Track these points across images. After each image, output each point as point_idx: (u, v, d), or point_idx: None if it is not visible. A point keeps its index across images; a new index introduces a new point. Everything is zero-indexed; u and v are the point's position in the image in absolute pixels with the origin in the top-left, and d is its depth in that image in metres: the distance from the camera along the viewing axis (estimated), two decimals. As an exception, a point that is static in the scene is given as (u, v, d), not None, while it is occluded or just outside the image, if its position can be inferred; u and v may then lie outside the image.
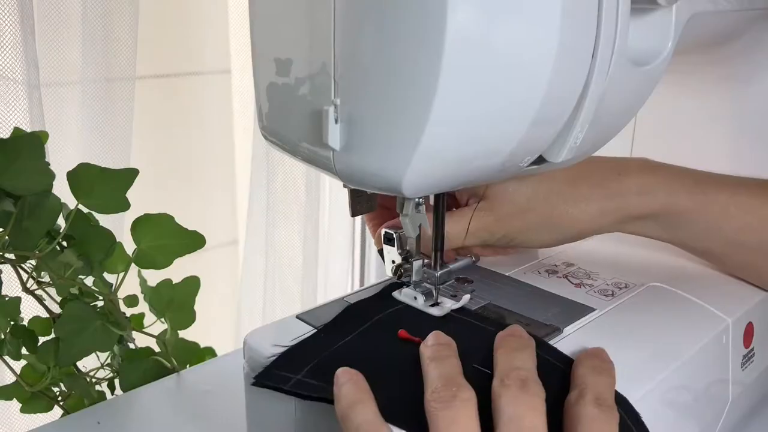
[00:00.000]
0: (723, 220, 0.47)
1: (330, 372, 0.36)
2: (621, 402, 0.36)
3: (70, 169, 0.52)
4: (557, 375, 0.36)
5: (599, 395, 0.34)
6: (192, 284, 0.61)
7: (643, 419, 0.36)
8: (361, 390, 0.34)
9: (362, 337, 0.41)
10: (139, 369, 0.59)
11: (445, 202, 0.44)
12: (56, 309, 0.59)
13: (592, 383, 0.34)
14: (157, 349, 0.60)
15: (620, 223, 0.48)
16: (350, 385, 0.34)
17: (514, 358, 0.35)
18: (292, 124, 0.37)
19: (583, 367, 0.36)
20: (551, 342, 0.40)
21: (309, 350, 0.40)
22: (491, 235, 0.48)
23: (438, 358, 0.35)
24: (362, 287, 0.48)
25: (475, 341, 0.38)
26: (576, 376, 0.36)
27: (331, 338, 0.41)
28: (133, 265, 0.57)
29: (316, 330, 0.42)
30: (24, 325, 0.58)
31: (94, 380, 0.61)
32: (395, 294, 0.44)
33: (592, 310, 0.44)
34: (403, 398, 0.35)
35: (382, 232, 0.45)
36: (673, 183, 0.47)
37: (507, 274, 0.50)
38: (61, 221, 0.55)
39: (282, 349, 0.40)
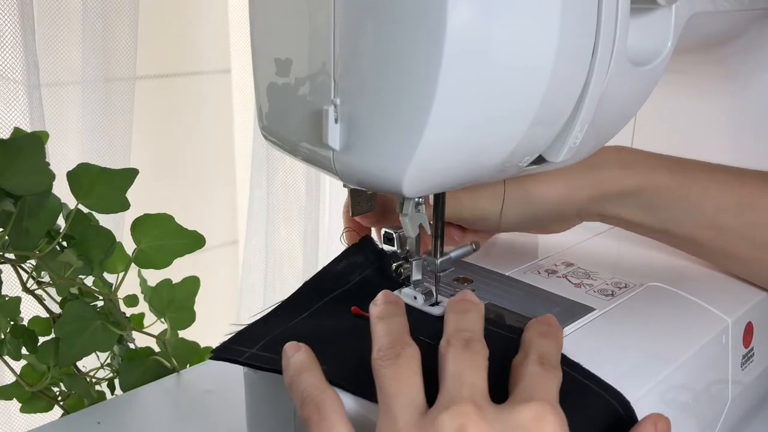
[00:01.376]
0: (703, 199, 0.47)
1: (282, 345, 0.39)
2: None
3: (70, 169, 0.52)
4: (506, 343, 0.37)
5: (543, 355, 0.35)
6: (192, 284, 0.61)
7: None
8: (309, 359, 0.36)
9: (317, 314, 0.43)
10: (139, 369, 0.59)
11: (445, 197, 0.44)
12: (56, 309, 0.59)
13: (538, 344, 0.36)
14: (157, 349, 0.61)
15: (602, 199, 0.48)
16: (298, 355, 0.36)
17: (461, 320, 0.36)
18: (292, 124, 0.37)
19: (530, 331, 0.37)
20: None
21: (265, 327, 0.43)
22: (462, 207, 0.48)
23: (385, 317, 0.37)
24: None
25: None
26: (523, 340, 0.37)
27: (287, 315, 0.43)
28: (133, 265, 0.57)
29: (273, 309, 0.44)
30: (24, 325, 0.58)
31: (94, 380, 0.61)
32: (395, 294, 0.44)
33: (592, 309, 0.44)
34: (350, 363, 0.38)
35: (382, 232, 0.45)
36: (652, 160, 0.48)
37: (507, 274, 0.50)
38: (61, 221, 0.55)
39: (240, 328, 0.43)
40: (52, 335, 0.56)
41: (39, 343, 0.57)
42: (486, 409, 0.31)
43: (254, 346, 0.41)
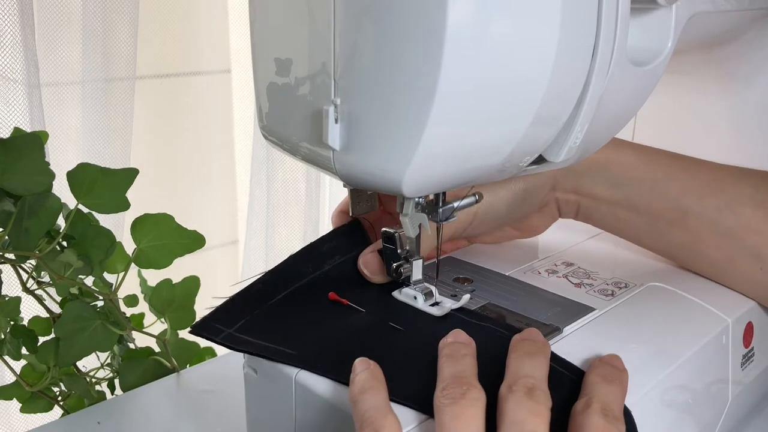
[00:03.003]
0: (668, 180, 0.48)
1: (259, 328, 0.40)
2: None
3: (70, 169, 0.52)
4: (568, 386, 0.36)
5: (606, 405, 0.33)
6: (192, 284, 0.61)
7: (643, 419, 0.36)
8: (375, 378, 0.34)
9: (295, 294, 0.44)
10: (139, 369, 0.59)
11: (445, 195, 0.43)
12: (56, 309, 0.59)
13: (601, 392, 0.34)
14: (157, 349, 0.60)
15: (573, 172, 0.49)
16: (365, 373, 0.35)
17: (525, 364, 0.35)
18: (292, 124, 0.37)
19: (593, 374, 0.35)
20: (551, 342, 0.40)
21: (245, 304, 0.43)
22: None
23: (454, 356, 0.35)
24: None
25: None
26: (586, 383, 0.35)
27: (268, 291, 0.44)
28: (133, 265, 0.57)
29: (254, 282, 0.44)
30: (24, 325, 0.58)
31: (94, 380, 0.61)
32: (395, 294, 0.44)
33: (592, 309, 0.44)
34: (325, 348, 0.39)
35: (382, 232, 0.45)
36: (619, 141, 0.50)
37: (507, 274, 0.50)
38: (61, 221, 0.55)
39: (222, 301, 0.43)
40: (52, 335, 0.56)
41: (39, 343, 0.57)
42: None
43: (232, 326, 0.41)
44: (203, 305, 0.63)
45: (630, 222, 0.50)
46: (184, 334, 0.62)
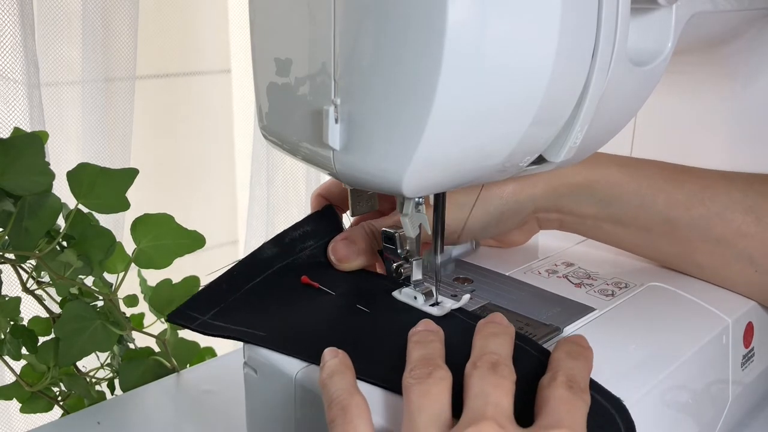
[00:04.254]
0: (654, 192, 0.48)
1: (233, 314, 0.43)
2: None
3: (70, 169, 0.52)
4: (534, 363, 0.37)
5: (571, 378, 0.34)
6: (192, 284, 0.61)
7: (643, 419, 0.36)
8: (343, 364, 0.36)
9: (269, 280, 0.46)
10: (139, 369, 0.59)
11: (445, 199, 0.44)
12: (56, 309, 0.59)
13: (566, 366, 0.35)
14: (157, 349, 0.60)
15: (556, 193, 0.48)
16: (333, 360, 0.36)
17: (490, 342, 0.36)
18: (292, 124, 0.37)
19: (559, 351, 0.36)
20: (551, 342, 0.40)
21: (219, 292, 0.45)
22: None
23: (422, 342, 0.37)
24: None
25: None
26: (552, 360, 0.36)
27: (242, 278, 0.46)
28: (133, 265, 0.57)
29: (228, 270, 0.46)
30: (24, 325, 0.58)
31: (94, 380, 0.61)
32: (395, 294, 0.44)
33: (592, 310, 0.44)
34: (296, 330, 0.40)
35: (382, 231, 0.45)
36: (602, 158, 0.49)
37: (507, 274, 0.50)
38: (61, 221, 0.55)
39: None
40: (52, 335, 0.56)
41: (39, 343, 0.57)
42: (509, 430, 0.31)
43: (207, 314, 0.43)
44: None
45: (617, 234, 0.50)
46: (184, 334, 0.62)
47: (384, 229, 0.45)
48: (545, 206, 0.49)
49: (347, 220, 0.52)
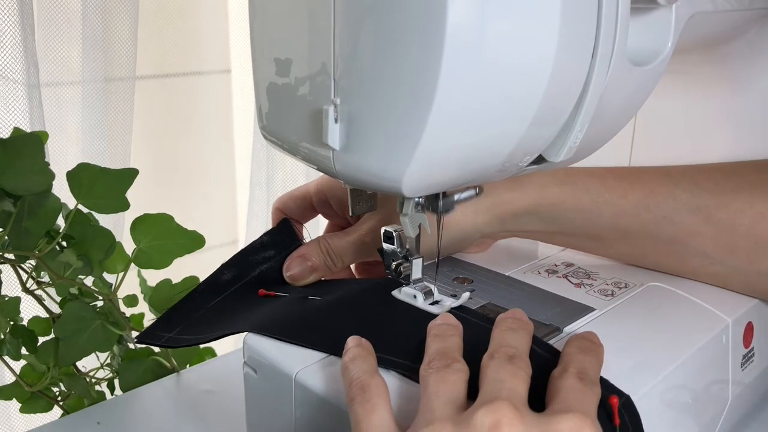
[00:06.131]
0: (599, 206, 0.48)
1: (199, 327, 0.45)
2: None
3: (70, 169, 0.52)
4: (547, 364, 0.37)
5: (582, 370, 0.34)
6: (192, 284, 0.60)
7: (643, 419, 0.36)
8: (365, 350, 0.37)
9: (228, 299, 0.48)
10: (138, 369, 0.59)
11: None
12: (56, 309, 0.59)
13: (577, 360, 0.35)
14: (157, 349, 0.60)
15: (499, 221, 0.49)
16: (356, 347, 0.37)
17: (507, 337, 0.36)
18: (292, 123, 0.37)
19: (571, 346, 0.37)
20: (551, 341, 0.40)
21: (182, 312, 0.48)
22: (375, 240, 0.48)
23: (441, 335, 0.37)
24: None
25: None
26: (563, 354, 0.36)
27: (204, 298, 0.48)
28: (132, 265, 0.57)
29: (189, 293, 0.49)
30: (24, 325, 0.58)
31: (94, 380, 0.61)
32: (395, 293, 0.44)
33: (592, 309, 0.44)
34: (270, 317, 0.43)
35: (382, 231, 0.45)
36: (543, 177, 0.49)
37: (507, 274, 0.50)
38: (60, 221, 0.55)
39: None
40: (52, 335, 0.56)
41: (39, 343, 0.57)
42: (523, 412, 0.31)
43: (172, 331, 0.46)
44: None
45: (573, 244, 0.51)
46: (184, 334, 0.62)
47: (384, 228, 0.45)
48: (492, 232, 0.50)
49: (308, 233, 0.54)
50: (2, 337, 0.56)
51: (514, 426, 0.30)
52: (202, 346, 0.65)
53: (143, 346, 0.62)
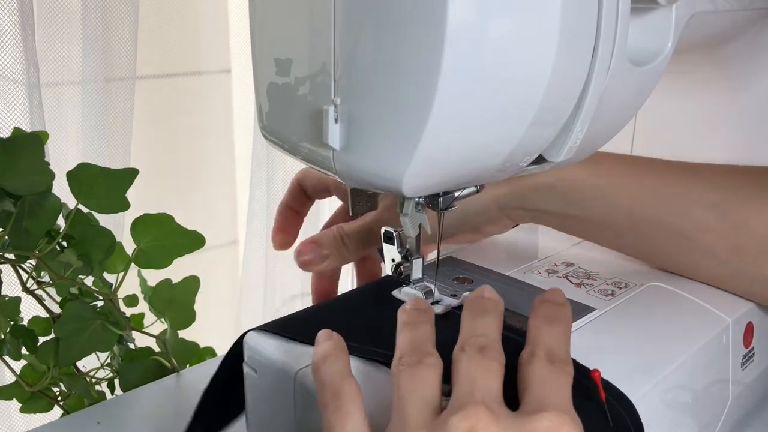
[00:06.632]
0: (617, 190, 0.48)
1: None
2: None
3: (70, 169, 0.52)
4: (519, 347, 0.36)
5: (550, 350, 0.33)
6: (192, 284, 0.60)
7: (643, 419, 0.36)
8: (337, 347, 0.35)
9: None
10: (139, 369, 0.59)
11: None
12: (56, 309, 0.59)
13: (543, 337, 0.34)
14: (157, 349, 0.60)
15: (518, 193, 0.49)
16: (327, 342, 0.36)
17: (478, 324, 0.35)
18: (292, 123, 0.37)
19: (535, 318, 0.36)
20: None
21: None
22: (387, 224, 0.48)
23: (411, 323, 0.36)
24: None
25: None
26: (529, 329, 0.35)
27: None
28: (133, 265, 0.57)
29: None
30: (24, 325, 0.58)
31: (94, 380, 0.61)
32: (395, 293, 0.44)
33: (592, 310, 0.44)
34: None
35: (382, 231, 0.45)
36: None
37: (507, 274, 0.50)
38: (61, 221, 0.55)
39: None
40: (52, 335, 0.56)
41: (39, 343, 0.57)
42: (498, 414, 0.30)
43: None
44: (203, 305, 0.63)
45: (585, 231, 0.51)
46: (184, 334, 0.62)
47: (384, 228, 0.45)
48: (509, 205, 0.50)
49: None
50: (2, 337, 0.56)
51: (489, 430, 0.30)
52: (202, 345, 0.65)
53: (143, 346, 0.62)
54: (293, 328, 0.42)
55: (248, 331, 0.43)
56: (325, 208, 1.28)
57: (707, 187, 0.47)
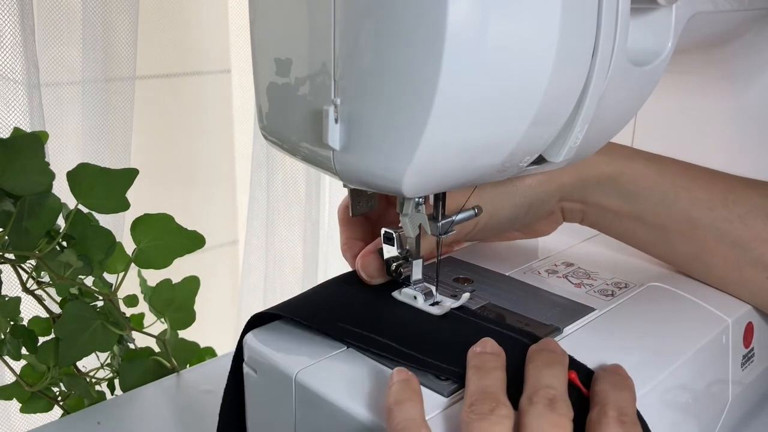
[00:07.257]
0: (678, 189, 0.48)
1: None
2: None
3: (70, 169, 0.52)
4: (582, 400, 0.36)
5: (621, 411, 0.33)
6: (192, 284, 0.61)
7: (644, 419, 0.36)
8: (411, 389, 0.34)
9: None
10: (139, 369, 0.59)
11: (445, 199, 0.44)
12: (56, 309, 0.59)
13: (614, 399, 0.34)
14: (157, 349, 0.61)
15: (581, 183, 0.48)
16: (402, 383, 0.34)
17: (544, 375, 0.34)
18: (292, 124, 0.37)
19: (602, 382, 0.35)
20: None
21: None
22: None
23: (482, 368, 0.35)
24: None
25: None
26: (596, 392, 0.35)
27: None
28: (133, 265, 0.57)
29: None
30: (24, 325, 0.58)
31: (94, 380, 0.61)
32: (395, 294, 0.44)
33: (592, 310, 0.44)
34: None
35: (382, 232, 0.45)
36: (630, 151, 0.49)
37: (507, 274, 0.50)
38: (61, 221, 0.55)
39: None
40: (52, 335, 0.56)
41: (39, 343, 0.57)
42: None
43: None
44: (203, 305, 0.63)
45: (636, 231, 0.50)
46: (184, 334, 0.62)
47: (384, 229, 0.45)
48: (571, 196, 0.49)
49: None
50: (2, 337, 0.56)
51: None
52: (202, 345, 0.65)
53: (143, 346, 0.62)
54: (299, 310, 0.42)
55: (254, 315, 0.43)
56: (326, 208, 1.28)
57: (767, 197, 0.47)
